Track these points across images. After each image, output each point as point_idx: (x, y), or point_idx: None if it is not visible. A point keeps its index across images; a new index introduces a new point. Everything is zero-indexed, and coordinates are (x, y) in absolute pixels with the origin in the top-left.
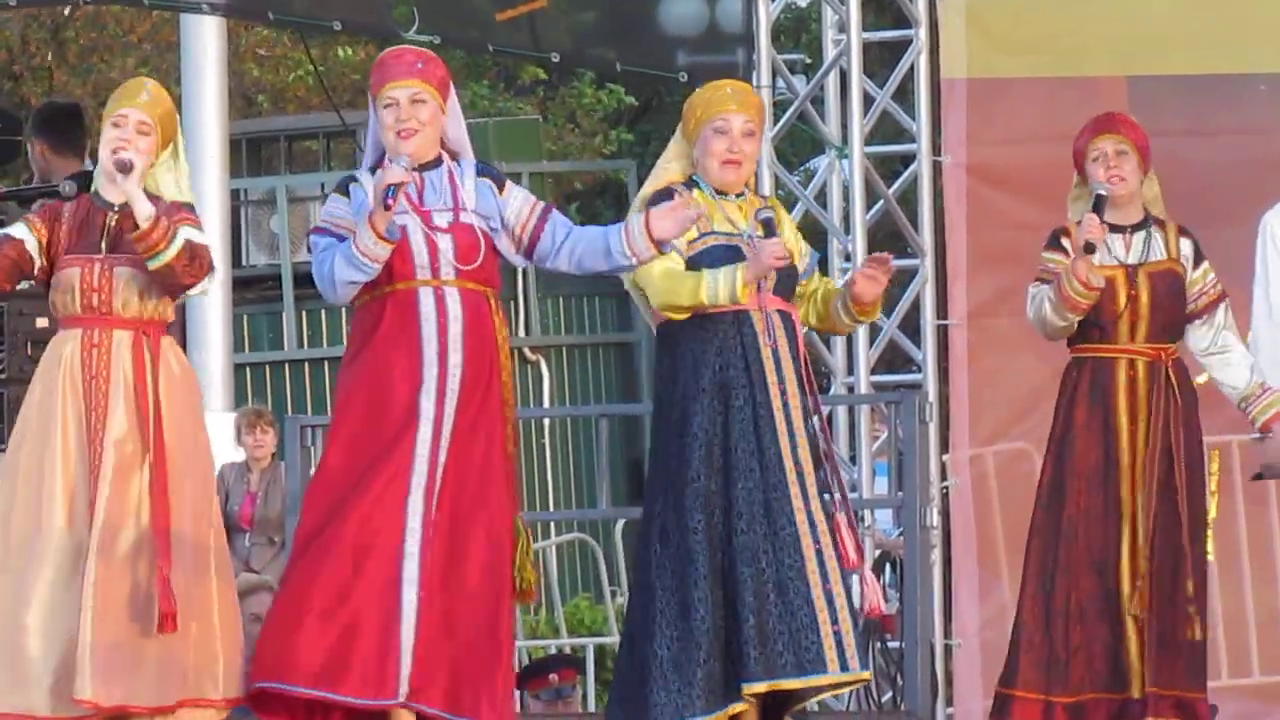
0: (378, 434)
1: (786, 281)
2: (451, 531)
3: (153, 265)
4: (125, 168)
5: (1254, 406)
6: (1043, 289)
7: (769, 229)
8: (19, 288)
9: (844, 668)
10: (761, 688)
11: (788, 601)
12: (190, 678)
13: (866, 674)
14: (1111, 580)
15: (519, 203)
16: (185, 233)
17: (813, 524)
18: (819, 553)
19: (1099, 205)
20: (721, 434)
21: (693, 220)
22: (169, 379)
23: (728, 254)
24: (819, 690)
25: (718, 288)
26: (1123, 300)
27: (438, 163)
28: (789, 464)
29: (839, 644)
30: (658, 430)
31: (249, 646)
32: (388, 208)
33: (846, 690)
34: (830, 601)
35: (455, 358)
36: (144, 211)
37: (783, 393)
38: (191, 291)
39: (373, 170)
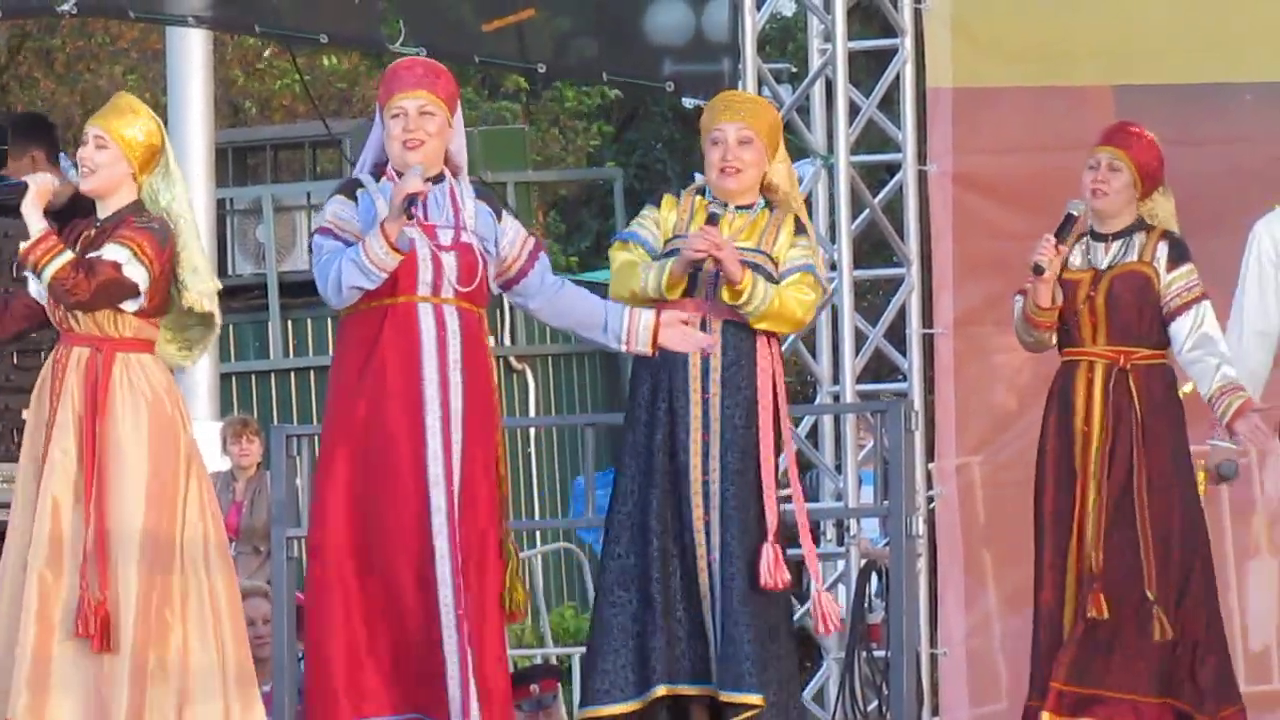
0: (380, 455)
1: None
2: (468, 553)
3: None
4: (21, 189)
5: (1219, 405)
6: (1021, 301)
7: (710, 221)
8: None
9: (718, 683)
10: (662, 690)
11: (687, 608)
12: (139, 698)
13: (739, 697)
14: (1071, 581)
15: (513, 234)
16: (106, 248)
17: (709, 535)
18: (710, 564)
19: (1064, 226)
20: (647, 437)
21: (703, 347)
22: (123, 396)
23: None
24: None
25: (648, 278)
26: (1080, 300)
27: (440, 178)
28: (695, 474)
29: (707, 657)
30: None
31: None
32: (411, 217)
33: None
34: (712, 614)
35: (456, 376)
36: (33, 229)
37: (705, 401)
38: (125, 306)
39: (375, 175)
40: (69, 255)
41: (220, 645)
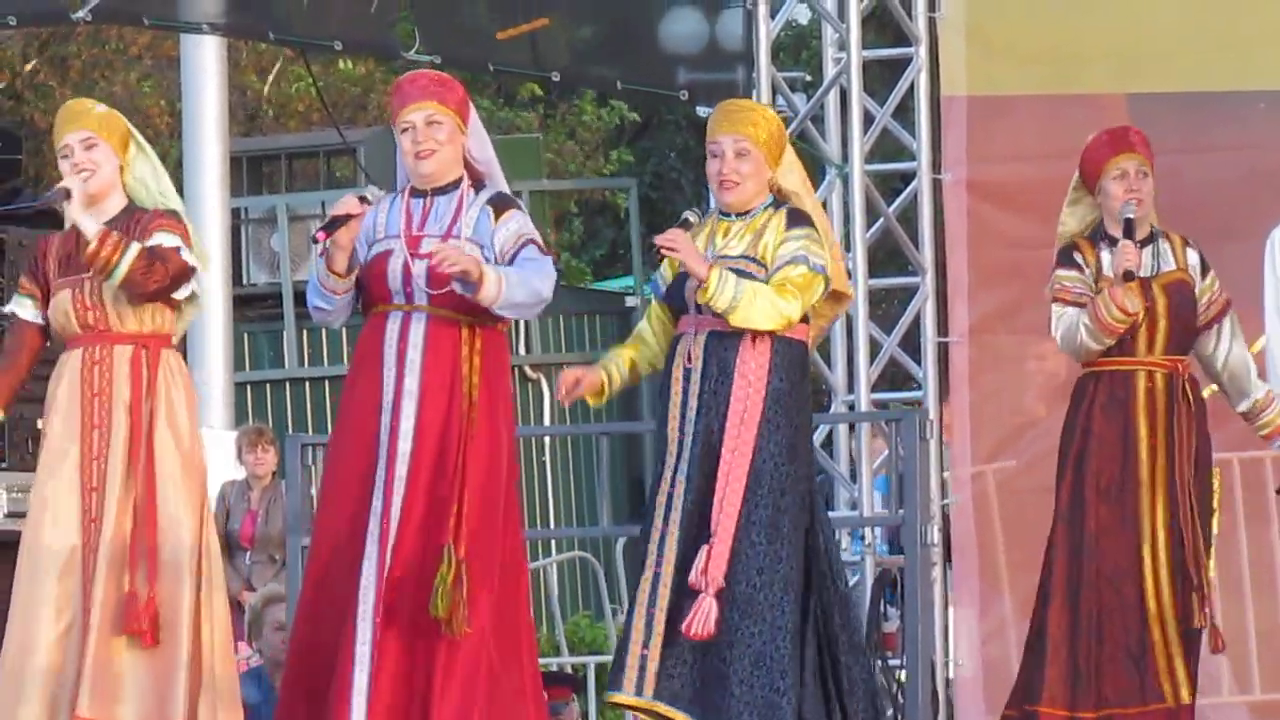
0: (347, 460)
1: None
2: (408, 560)
3: (112, 281)
4: (64, 196)
5: (1261, 417)
6: (1070, 312)
7: (682, 226)
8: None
9: (636, 691)
10: (618, 696)
11: (634, 618)
12: (196, 698)
13: (640, 701)
14: (1131, 593)
15: (507, 233)
16: (157, 237)
17: (661, 549)
18: (656, 575)
19: (1130, 230)
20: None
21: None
22: (167, 394)
23: (683, 279)
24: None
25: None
26: (1141, 313)
27: (454, 186)
28: (665, 486)
29: (640, 666)
30: None
31: (270, 657)
32: (315, 240)
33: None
34: (648, 624)
35: (410, 384)
36: (90, 230)
37: (682, 415)
38: (178, 294)
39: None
40: (137, 246)
41: (225, 656)
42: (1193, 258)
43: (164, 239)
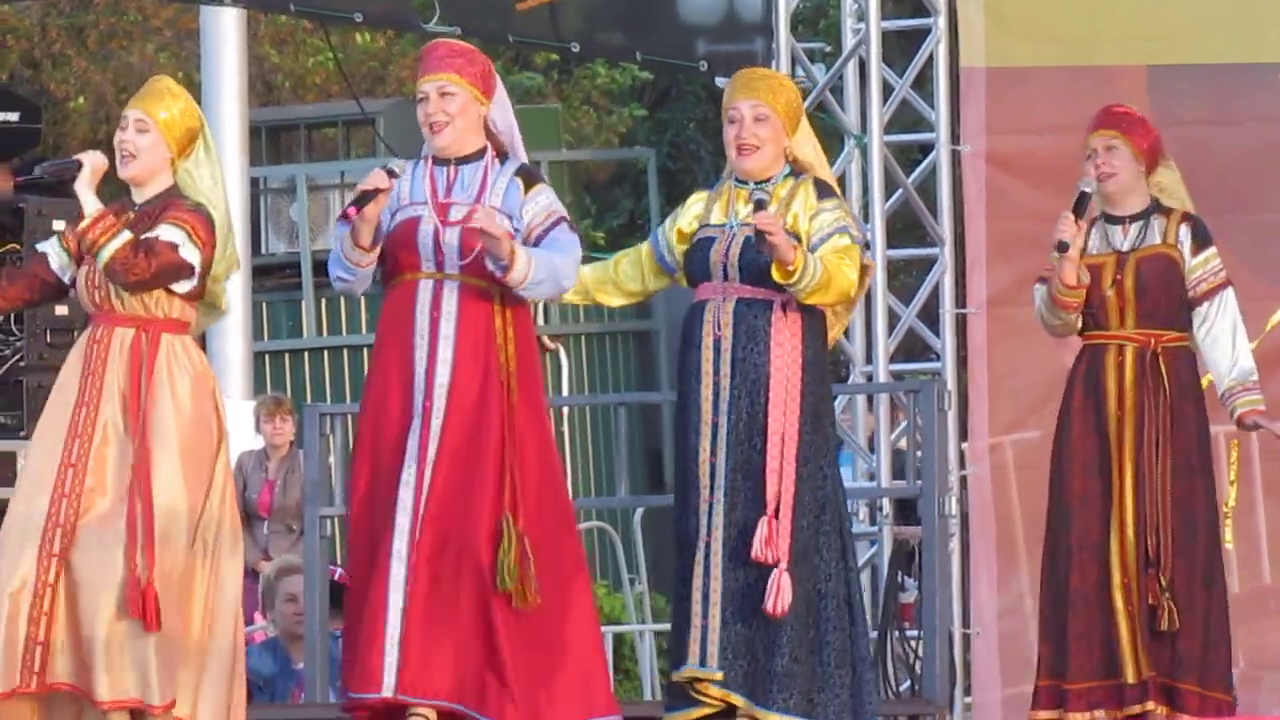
0: (383, 431)
1: (765, 269)
2: (445, 528)
3: (97, 264)
4: (76, 167)
5: (1232, 400)
6: (1040, 288)
7: (758, 206)
8: None
9: (700, 663)
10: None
11: (685, 594)
12: (173, 678)
13: (706, 673)
14: (1105, 567)
15: (537, 208)
16: (161, 229)
17: (711, 519)
18: (707, 545)
19: (1079, 203)
20: (681, 417)
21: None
22: (168, 377)
23: (704, 246)
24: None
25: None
26: (1107, 284)
27: (478, 156)
28: (704, 455)
29: (702, 639)
30: None
31: (283, 628)
32: (345, 217)
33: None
34: (705, 597)
35: (445, 352)
36: (89, 208)
37: (715, 384)
38: (176, 288)
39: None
40: (127, 235)
41: (222, 628)
42: (1184, 233)
43: (167, 232)
